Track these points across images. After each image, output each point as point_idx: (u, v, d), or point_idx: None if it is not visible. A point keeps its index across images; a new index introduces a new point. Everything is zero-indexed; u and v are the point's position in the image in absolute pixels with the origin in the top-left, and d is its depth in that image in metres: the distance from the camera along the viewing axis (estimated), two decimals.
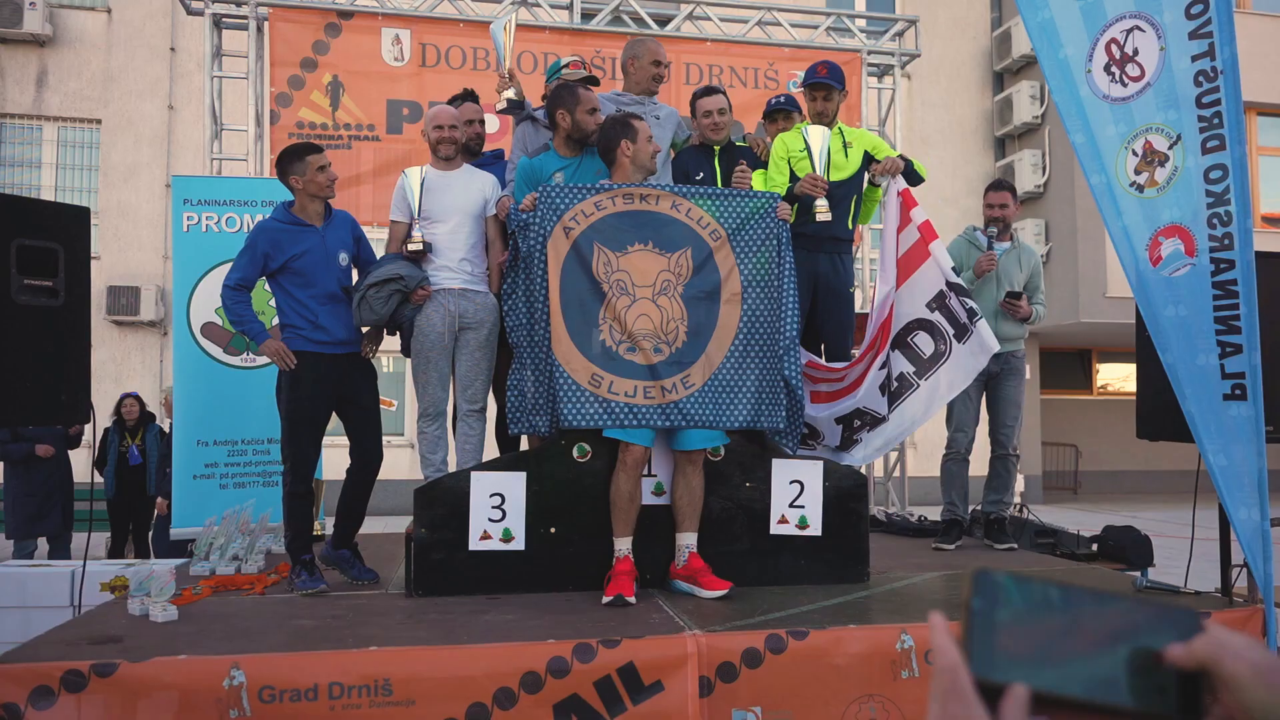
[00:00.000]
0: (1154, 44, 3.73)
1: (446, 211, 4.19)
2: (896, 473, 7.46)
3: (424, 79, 6.25)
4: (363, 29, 6.18)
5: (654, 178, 4.32)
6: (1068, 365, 18.72)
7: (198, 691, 2.74)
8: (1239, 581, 3.71)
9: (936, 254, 4.33)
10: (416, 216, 4.12)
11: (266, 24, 6.11)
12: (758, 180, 4.51)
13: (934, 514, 5.61)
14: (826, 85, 4.62)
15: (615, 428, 3.73)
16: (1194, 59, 3.60)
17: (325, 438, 4.25)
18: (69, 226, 3.31)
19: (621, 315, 3.76)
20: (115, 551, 7.86)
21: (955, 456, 5.18)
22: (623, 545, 3.77)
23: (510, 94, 4.32)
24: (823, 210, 4.26)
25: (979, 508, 5.32)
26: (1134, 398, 4.22)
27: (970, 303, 4.32)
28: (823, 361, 4.62)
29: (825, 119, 4.60)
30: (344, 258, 4.16)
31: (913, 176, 4.52)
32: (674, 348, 3.78)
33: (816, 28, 7.07)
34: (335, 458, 5.02)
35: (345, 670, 2.82)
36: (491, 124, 5.56)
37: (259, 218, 5.78)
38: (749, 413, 3.81)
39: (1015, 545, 5.02)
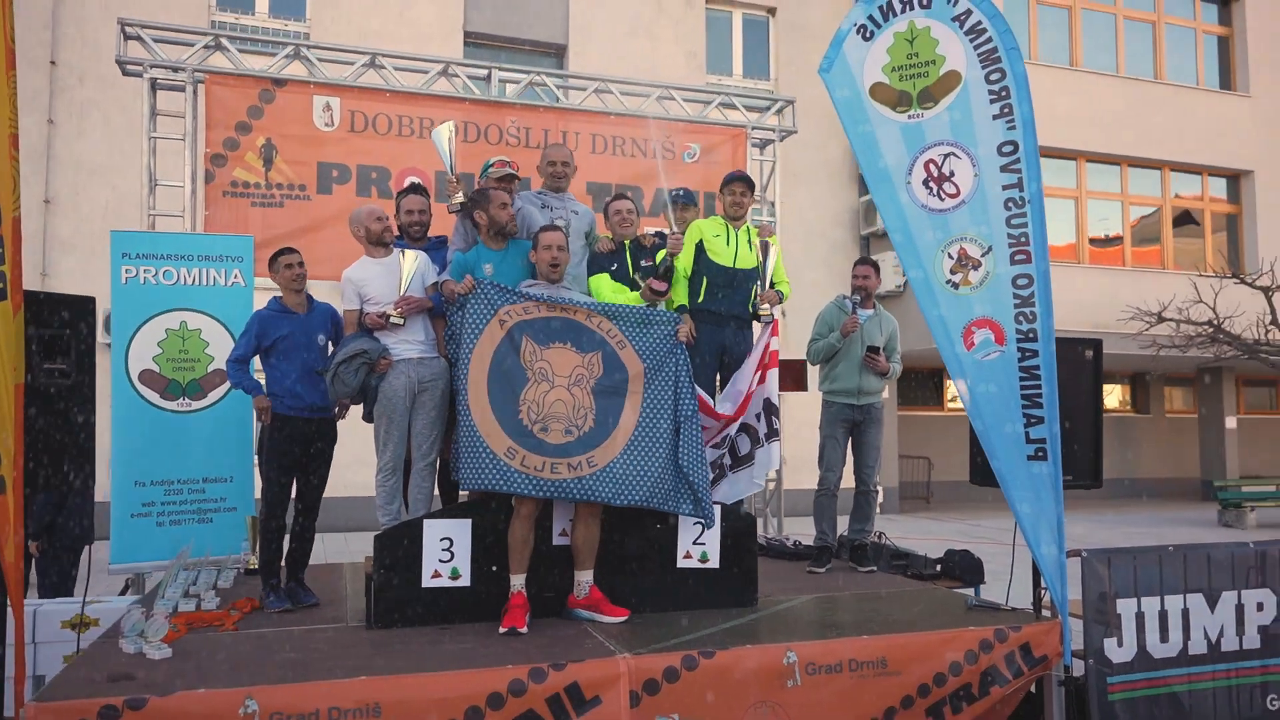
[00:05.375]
0: (969, 170, 4.61)
1: (392, 293, 4.81)
2: (774, 498, 8.35)
3: (352, 144, 6.77)
4: (295, 95, 6.64)
5: (570, 265, 5.04)
6: (921, 384, 20.32)
7: (217, 718, 3.29)
8: (1046, 599, 4.67)
9: (771, 380, 5.33)
10: (400, 297, 4.76)
11: (201, 86, 6.50)
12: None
13: (806, 524, 6.46)
14: (746, 180, 5.55)
15: (514, 493, 4.32)
16: (1005, 188, 4.51)
17: None
18: (76, 314, 3.77)
19: (541, 399, 4.42)
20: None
21: (825, 492, 6.06)
22: (516, 582, 4.41)
23: (459, 198, 4.99)
24: (766, 313, 5.32)
25: (845, 534, 6.23)
26: None
27: (776, 423, 5.34)
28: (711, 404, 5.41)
29: (740, 210, 5.46)
30: (322, 339, 4.99)
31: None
32: (582, 431, 4.44)
33: (709, 104, 7.92)
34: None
35: (342, 696, 3.41)
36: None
37: (195, 272, 6.22)
38: (645, 494, 4.44)
39: (875, 568, 5.94)
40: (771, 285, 5.49)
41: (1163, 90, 18.39)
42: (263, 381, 5.01)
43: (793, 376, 7.32)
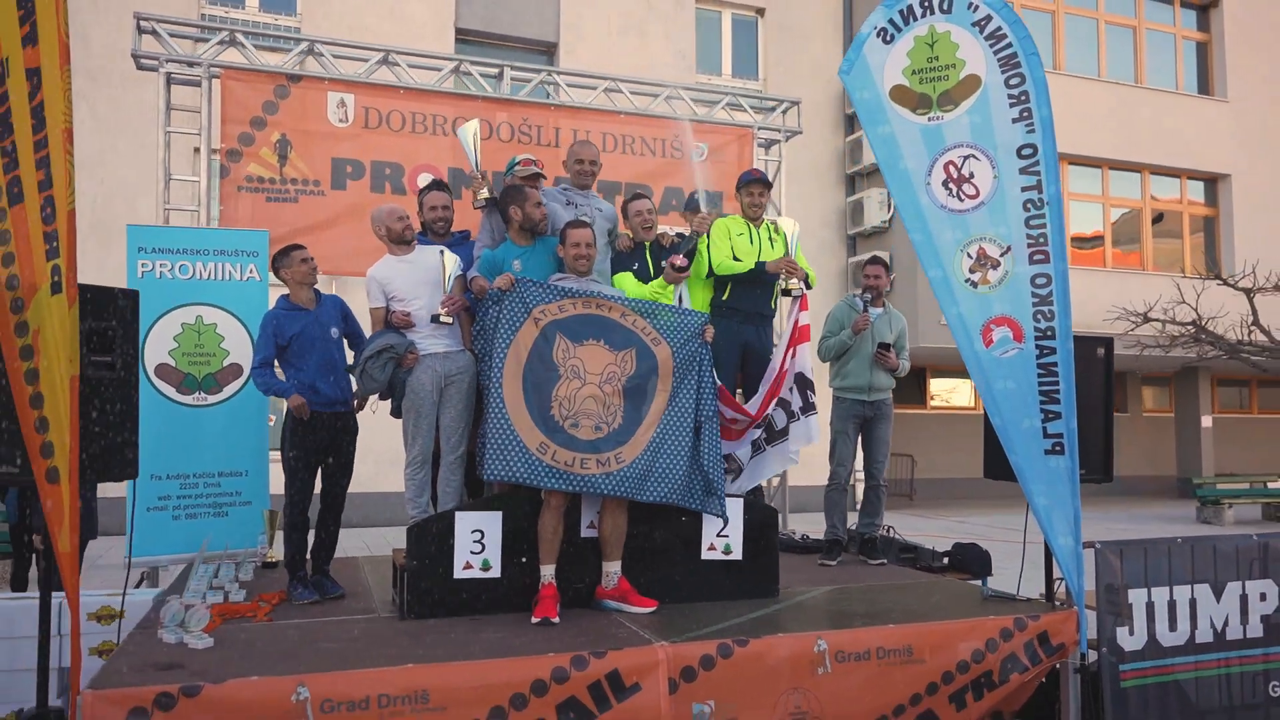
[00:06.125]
0: (988, 171, 4.72)
1: (416, 290, 4.88)
2: (778, 494, 8.46)
3: (366, 140, 6.81)
4: (310, 91, 6.68)
5: (595, 261, 5.12)
6: (905, 382, 20.39)
7: (270, 705, 3.33)
8: (1059, 589, 4.81)
9: (801, 356, 5.33)
10: (448, 292, 4.79)
11: (216, 81, 6.52)
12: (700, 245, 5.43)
13: (810, 520, 6.60)
14: (764, 181, 5.71)
15: (543, 487, 4.41)
16: (1024, 189, 4.63)
17: None
18: (122, 307, 3.80)
19: (572, 395, 4.52)
20: (17, 580, 7.80)
21: (836, 486, 6.19)
22: (547, 572, 4.50)
23: (484, 193, 5.05)
24: (795, 287, 5.35)
25: (854, 528, 6.35)
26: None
27: (812, 396, 5.39)
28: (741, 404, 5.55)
29: (758, 210, 5.58)
30: (335, 332, 5.01)
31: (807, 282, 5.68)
32: (611, 428, 4.55)
33: (716, 104, 8.02)
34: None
35: (390, 683, 3.47)
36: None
37: (211, 266, 6.25)
38: (665, 490, 4.57)
39: (885, 560, 6.07)
40: None
41: (1143, 94, 18.71)
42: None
43: None
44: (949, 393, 20.64)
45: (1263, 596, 4.92)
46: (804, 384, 5.35)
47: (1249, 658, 4.86)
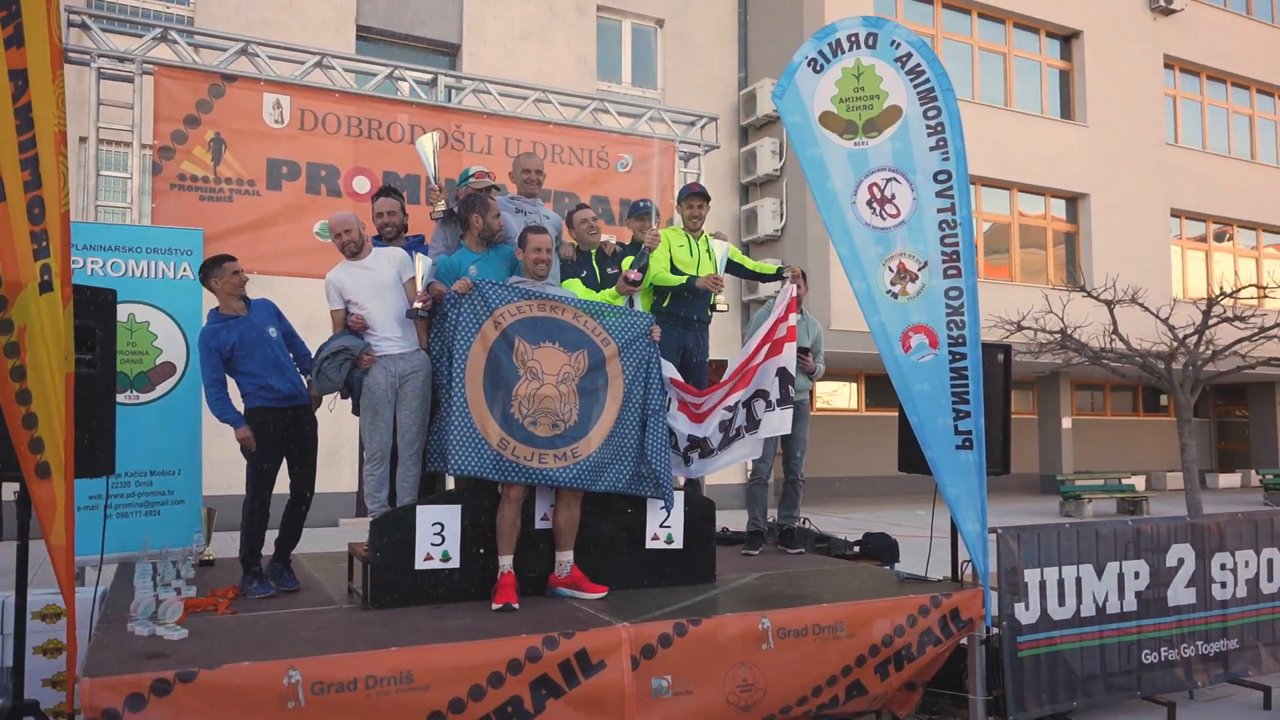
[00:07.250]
0: (908, 193, 5.23)
1: (365, 296, 5.05)
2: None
3: (302, 141, 6.85)
4: (245, 91, 6.69)
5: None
6: None
7: (264, 688, 3.49)
8: (965, 570, 5.33)
9: (787, 352, 5.56)
10: (421, 290, 4.95)
11: (149, 78, 6.46)
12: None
13: (728, 515, 6.99)
14: (704, 194, 6.08)
15: (504, 481, 4.69)
16: (939, 210, 5.15)
17: None
18: (101, 306, 3.87)
19: (532, 394, 4.80)
20: None
21: (758, 481, 6.62)
22: (505, 562, 4.76)
23: (441, 205, 5.26)
24: (722, 303, 5.74)
25: (774, 520, 6.80)
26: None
27: (791, 391, 5.65)
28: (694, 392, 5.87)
29: (698, 222, 5.93)
30: (273, 331, 5.15)
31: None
32: (567, 425, 4.86)
33: (640, 117, 8.37)
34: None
35: (377, 665, 3.68)
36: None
37: (144, 264, 6.22)
38: (614, 480, 4.92)
39: (803, 550, 6.53)
40: (753, 273, 6.19)
41: (1012, 117, 20.02)
42: (234, 392, 5.09)
43: (718, 375, 7.84)
44: (831, 395, 21.57)
45: (1136, 575, 5.59)
46: (786, 378, 5.54)
47: (1125, 629, 5.50)
